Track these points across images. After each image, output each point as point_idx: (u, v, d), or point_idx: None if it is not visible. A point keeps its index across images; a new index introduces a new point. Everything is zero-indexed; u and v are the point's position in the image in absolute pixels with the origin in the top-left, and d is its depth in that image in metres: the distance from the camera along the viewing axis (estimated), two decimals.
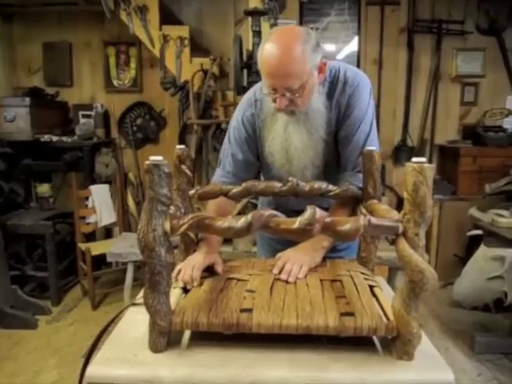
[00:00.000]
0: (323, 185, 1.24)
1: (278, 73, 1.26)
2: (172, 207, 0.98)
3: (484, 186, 3.31)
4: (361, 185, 1.35)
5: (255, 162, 1.57)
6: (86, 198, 3.66)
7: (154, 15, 3.56)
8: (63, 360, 2.67)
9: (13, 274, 3.32)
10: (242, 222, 0.89)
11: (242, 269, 1.26)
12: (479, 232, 3.06)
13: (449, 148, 4.04)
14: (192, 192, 1.28)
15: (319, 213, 0.89)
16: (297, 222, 0.88)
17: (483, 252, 3.06)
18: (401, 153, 4.17)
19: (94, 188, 3.64)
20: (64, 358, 2.70)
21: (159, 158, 0.92)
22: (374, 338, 1.03)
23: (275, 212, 0.92)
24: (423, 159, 0.89)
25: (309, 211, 0.89)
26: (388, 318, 0.98)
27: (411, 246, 0.90)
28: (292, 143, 1.40)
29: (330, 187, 1.24)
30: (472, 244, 3.48)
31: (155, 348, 0.99)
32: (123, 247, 3.04)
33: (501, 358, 2.65)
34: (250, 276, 1.19)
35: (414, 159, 0.89)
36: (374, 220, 0.91)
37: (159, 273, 0.93)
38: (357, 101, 1.46)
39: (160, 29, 3.58)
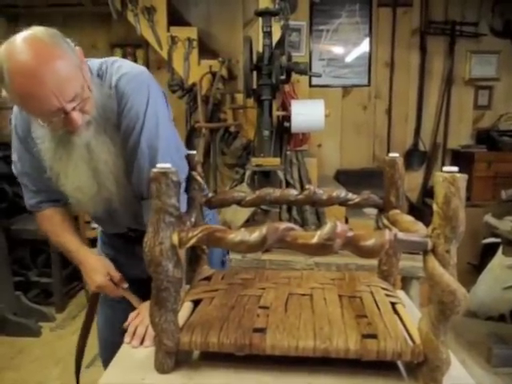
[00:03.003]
0: (342, 193, 1.16)
1: (53, 84, 1.01)
2: (182, 216, 0.92)
3: (499, 191, 3.22)
4: (146, 218, 1.11)
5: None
6: None
7: (161, 16, 3.49)
8: (67, 370, 2.59)
9: (16, 280, 3.27)
10: (255, 235, 0.82)
11: (254, 282, 1.18)
12: (497, 240, 2.97)
13: (462, 153, 3.95)
14: (203, 200, 1.20)
15: (340, 226, 0.81)
16: (316, 237, 0.81)
17: (499, 260, 2.96)
18: (412, 157, 4.09)
19: None
20: (68, 367, 2.62)
21: (167, 165, 0.85)
22: (399, 362, 0.95)
23: (292, 225, 0.85)
24: (455, 168, 0.80)
25: (329, 225, 0.81)
26: (414, 341, 0.90)
27: (441, 264, 0.82)
28: (100, 159, 1.19)
29: (350, 196, 1.16)
30: (486, 252, 3.39)
31: (162, 369, 0.92)
32: None
33: None
34: (264, 290, 1.12)
35: (445, 168, 0.81)
36: (400, 235, 0.83)
37: (166, 289, 0.87)
38: (130, 111, 1.20)
39: (168, 30, 3.52)
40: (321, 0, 3.79)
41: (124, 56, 4.07)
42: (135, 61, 4.07)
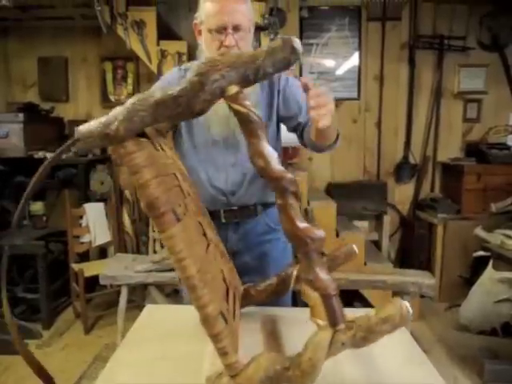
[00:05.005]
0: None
1: (230, 8, 1.39)
2: None
3: (489, 204, 3.22)
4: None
5: None
6: (81, 217, 3.56)
7: (151, 30, 3.49)
8: None
9: None
10: None
11: None
12: (487, 253, 2.97)
13: (452, 165, 3.96)
14: None
15: None
16: None
17: (490, 274, 2.95)
18: (403, 170, 4.10)
19: (88, 206, 3.54)
20: None
21: None
22: None
23: None
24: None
25: None
26: None
27: None
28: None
29: None
30: (477, 264, 3.38)
31: None
32: (117, 269, 2.93)
33: None
34: None
35: None
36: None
37: None
38: (291, 80, 1.62)
39: (157, 44, 3.52)
40: (310, 15, 3.82)
41: (114, 69, 4.07)
42: (125, 74, 4.08)
